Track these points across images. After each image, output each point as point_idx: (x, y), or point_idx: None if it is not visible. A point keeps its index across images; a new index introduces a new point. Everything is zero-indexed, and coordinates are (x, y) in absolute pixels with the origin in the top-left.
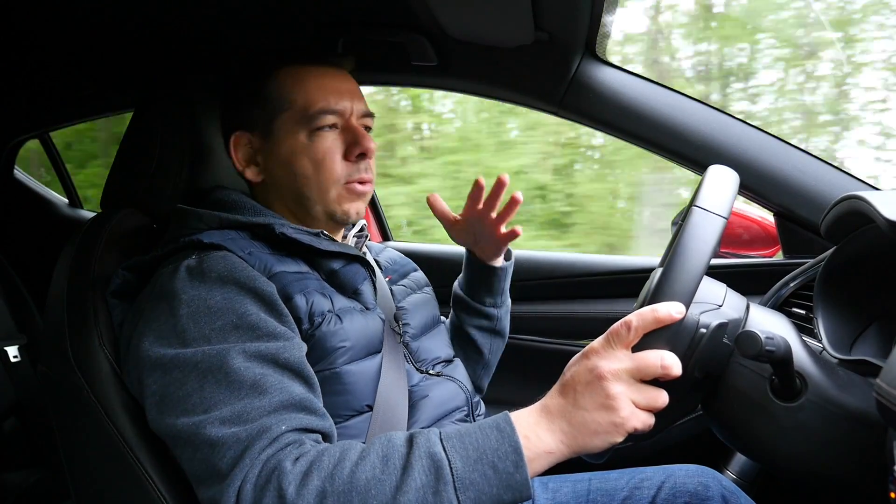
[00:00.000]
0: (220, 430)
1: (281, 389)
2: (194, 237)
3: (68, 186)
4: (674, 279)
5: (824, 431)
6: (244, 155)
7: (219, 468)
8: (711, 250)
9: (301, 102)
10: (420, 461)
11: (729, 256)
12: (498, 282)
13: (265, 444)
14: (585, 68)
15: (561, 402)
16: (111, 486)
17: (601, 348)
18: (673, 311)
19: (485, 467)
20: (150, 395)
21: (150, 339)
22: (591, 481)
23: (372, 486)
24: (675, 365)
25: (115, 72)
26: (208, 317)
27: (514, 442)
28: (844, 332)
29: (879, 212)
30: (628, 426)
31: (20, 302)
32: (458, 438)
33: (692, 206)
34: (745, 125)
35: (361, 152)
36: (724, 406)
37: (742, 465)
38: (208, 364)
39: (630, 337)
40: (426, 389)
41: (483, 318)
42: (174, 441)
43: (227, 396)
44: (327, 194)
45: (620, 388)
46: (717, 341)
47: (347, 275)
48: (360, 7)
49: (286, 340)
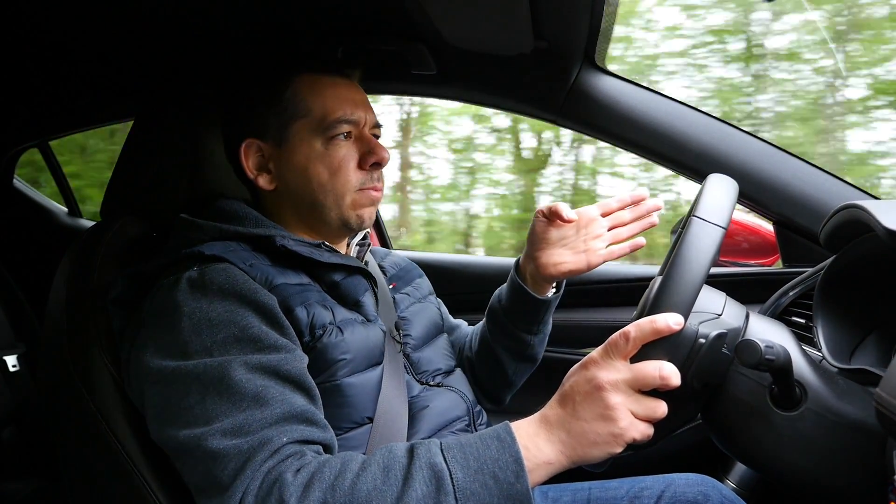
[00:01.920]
0: (222, 441)
1: (282, 401)
2: (195, 249)
3: (67, 195)
4: (672, 290)
5: (824, 440)
6: (255, 163)
7: (220, 480)
8: (710, 261)
9: (319, 111)
10: (421, 472)
11: (728, 265)
12: (542, 312)
13: (266, 455)
14: (585, 77)
15: (560, 413)
16: (110, 495)
17: (600, 359)
18: (671, 323)
19: (485, 477)
20: (151, 407)
21: (151, 351)
22: (591, 490)
23: (373, 497)
24: (673, 375)
25: (115, 81)
26: (210, 329)
27: (514, 452)
28: (844, 341)
29: (878, 221)
30: (627, 437)
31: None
32: (459, 449)
33: (691, 215)
34: (744, 134)
35: (376, 161)
36: (723, 415)
37: (741, 474)
38: (210, 376)
39: (628, 348)
40: (426, 400)
41: (515, 341)
42: (176, 453)
43: (228, 408)
44: (342, 201)
45: (619, 399)
46: (716, 351)
47: (349, 287)
48: (360, 16)
49: (288, 352)
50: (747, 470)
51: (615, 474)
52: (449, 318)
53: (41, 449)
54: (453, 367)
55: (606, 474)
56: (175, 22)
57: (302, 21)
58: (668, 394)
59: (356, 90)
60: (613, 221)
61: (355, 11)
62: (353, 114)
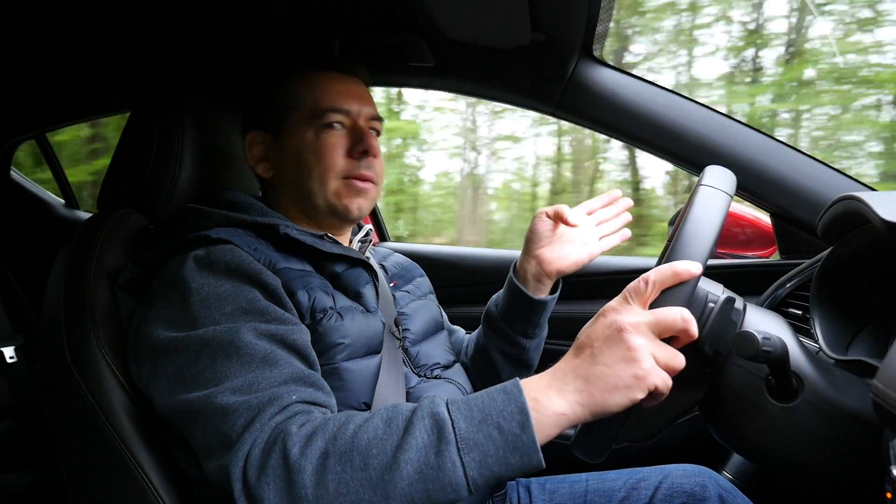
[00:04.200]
0: (232, 398)
1: (290, 364)
2: (202, 233)
3: (65, 187)
4: (688, 241)
5: (821, 431)
6: (257, 153)
7: (229, 436)
8: (721, 217)
9: (311, 102)
10: (422, 421)
11: (726, 257)
12: (538, 314)
13: (275, 411)
14: (582, 69)
15: (576, 362)
16: (108, 486)
17: (619, 305)
18: (691, 267)
19: (490, 428)
20: (164, 377)
21: (161, 325)
22: (588, 482)
23: (373, 445)
24: (693, 321)
25: (112, 73)
26: (218, 302)
27: (520, 402)
28: (841, 333)
29: (876, 212)
30: (649, 381)
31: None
32: (464, 402)
33: (698, 186)
34: (741, 126)
35: (364, 150)
36: (720, 406)
37: (739, 466)
38: (219, 341)
39: (648, 292)
40: (423, 391)
41: (510, 345)
42: (187, 416)
43: (238, 369)
44: (327, 186)
45: (641, 341)
46: (726, 316)
47: (350, 278)
48: (358, 8)
49: (293, 325)
50: (744, 461)
51: (613, 465)
52: (447, 323)
53: (39, 441)
54: (452, 361)
55: (604, 465)
56: (174, 15)
57: (300, 14)
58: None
59: (354, 84)
60: (599, 218)
61: (353, 4)
62: (345, 104)
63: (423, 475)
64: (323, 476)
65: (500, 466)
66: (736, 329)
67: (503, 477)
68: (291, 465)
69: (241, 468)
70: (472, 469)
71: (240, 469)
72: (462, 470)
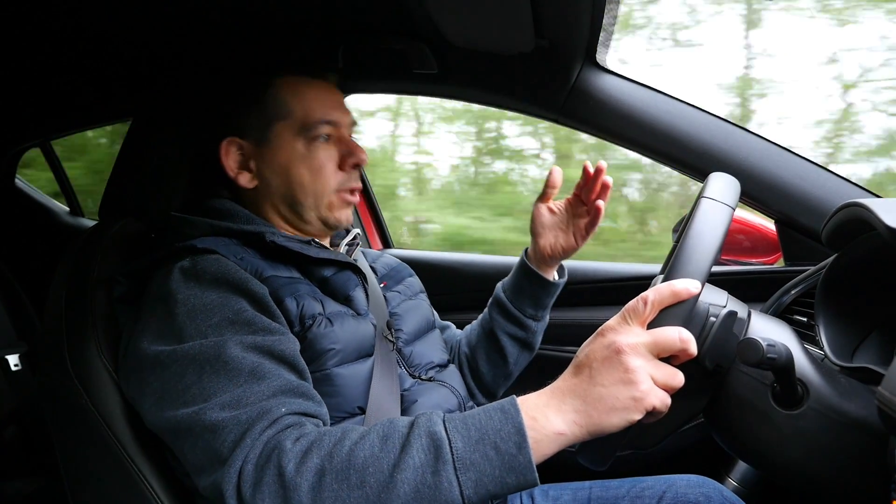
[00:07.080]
0: (220, 414)
1: (278, 376)
2: (188, 243)
3: (69, 195)
4: (687, 259)
5: (826, 439)
6: (235, 161)
7: (220, 452)
8: (723, 232)
9: (301, 113)
10: (419, 440)
11: (730, 264)
12: (546, 296)
13: (266, 425)
14: (586, 75)
15: (574, 382)
16: (109, 493)
17: (617, 325)
18: (690, 287)
19: (486, 448)
20: (149, 393)
21: (148, 338)
22: (591, 489)
23: (370, 463)
24: (692, 341)
25: (115, 81)
26: (204, 314)
27: (517, 423)
28: (846, 340)
29: (881, 219)
30: (647, 402)
31: (21, 310)
32: (461, 420)
33: (700, 198)
34: (745, 132)
35: (356, 163)
36: (725, 413)
37: (743, 473)
38: (206, 356)
39: (647, 312)
40: (417, 394)
41: (519, 327)
42: (175, 434)
43: (225, 384)
44: (322, 201)
45: (640, 362)
46: (728, 330)
47: (339, 282)
48: (361, 15)
49: (281, 335)
50: (749, 468)
51: (616, 473)
52: (438, 320)
53: (43, 448)
54: (447, 361)
55: (607, 473)
56: (176, 22)
57: (303, 21)
58: (683, 367)
59: (334, 91)
60: (586, 195)
61: (357, 10)
62: (332, 115)
63: (419, 494)
64: (319, 494)
65: (497, 486)
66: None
67: (499, 495)
68: (287, 482)
69: (235, 484)
70: (469, 489)
71: (233, 486)
72: (458, 490)
